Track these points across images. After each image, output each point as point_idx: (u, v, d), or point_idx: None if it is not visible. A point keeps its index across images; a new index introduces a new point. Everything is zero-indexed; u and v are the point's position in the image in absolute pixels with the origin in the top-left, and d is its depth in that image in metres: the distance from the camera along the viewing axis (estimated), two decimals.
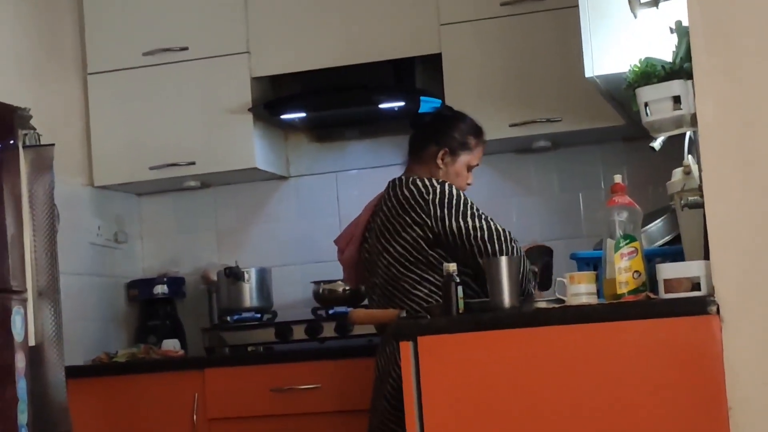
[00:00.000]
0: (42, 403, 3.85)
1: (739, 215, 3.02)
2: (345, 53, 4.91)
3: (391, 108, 4.95)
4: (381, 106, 4.96)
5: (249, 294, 5.06)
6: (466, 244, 3.84)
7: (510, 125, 4.71)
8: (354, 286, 4.65)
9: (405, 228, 3.93)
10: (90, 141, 5.14)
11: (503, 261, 3.37)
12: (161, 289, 5.21)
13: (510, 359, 3.13)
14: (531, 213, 5.04)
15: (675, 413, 3.01)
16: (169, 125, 5.07)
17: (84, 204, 5.12)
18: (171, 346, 4.95)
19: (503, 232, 3.84)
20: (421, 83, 5.02)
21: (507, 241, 3.82)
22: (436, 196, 3.89)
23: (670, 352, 3.02)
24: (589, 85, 4.06)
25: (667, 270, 3.12)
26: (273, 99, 5.07)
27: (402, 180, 4.00)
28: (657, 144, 3.50)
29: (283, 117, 5.08)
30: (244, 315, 5.06)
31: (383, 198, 4.05)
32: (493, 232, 3.83)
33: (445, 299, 3.40)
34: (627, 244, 3.25)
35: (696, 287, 3.06)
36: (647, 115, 3.30)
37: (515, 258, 3.60)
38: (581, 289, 3.24)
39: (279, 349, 4.90)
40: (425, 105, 4.77)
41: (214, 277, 5.15)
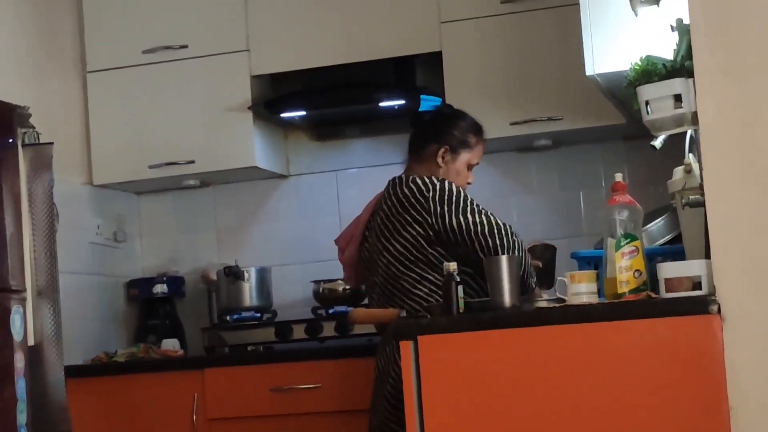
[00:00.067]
0: (41, 403, 3.84)
1: (741, 214, 3.01)
2: (345, 51, 4.90)
3: (392, 106, 4.95)
4: (381, 104, 4.95)
5: (249, 293, 5.05)
6: (467, 239, 3.83)
7: (510, 124, 4.71)
8: (354, 285, 4.64)
9: (405, 226, 3.92)
10: (89, 139, 5.14)
11: (504, 260, 3.37)
12: (161, 289, 5.20)
13: (511, 359, 3.12)
14: (532, 212, 5.03)
15: (676, 413, 3.00)
16: (169, 124, 5.06)
17: (83, 203, 5.11)
18: (170, 345, 4.95)
19: (504, 226, 3.83)
20: (422, 81, 5.01)
21: (508, 235, 3.81)
22: (436, 193, 3.88)
23: (670, 351, 3.01)
24: (590, 84, 4.07)
25: (668, 269, 3.12)
26: (273, 97, 5.06)
27: (402, 179, 4.00)
28: (658, 142, 3.51)
29: (283, 115, 5.07)
30: (243, 314, 5.05)
31: (383, 197, 4.04)
32: (494, 226, 3.82)
33: (446, 299, 3.39)
34: (628, 243, 3.25)
35: (697, 286, 3.06)
36: (648, 114, 3.30)
37: (516, 257, 3.59)
38: (582, 288, 3.24)
39: (279, 349, 4.89)
40: (425, 103, 4.77)
41: (213, 277, 5.14)
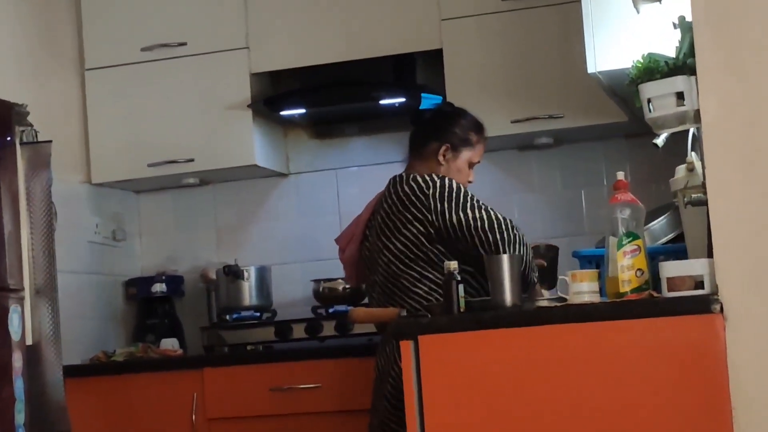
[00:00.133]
0: (39, 403, 3.83)
1: (743, 212, 3.01)
2: (345, 49, 4.89)
3: (392, 104, 4.94)
4: (381, 102, 4.94)
5: (248, 292, 5.04)
6: (467, 235, 3.81)
7: (512, 122, 4.69)
8: (355, 285, 4.63)
9: (405, 224, 3.91)
10: (88, 138, 5.13)
11: (505, 259, 3.36)
12: (160, 288, 5.19)
13: (511, 358, 3.12)
14: (533, 210, 5.02)
15: (677, 413, 3.00)
16: (168, 122, 5.05)
17: (82, 201, 5.10)
18: (169, 345, 4.94)
19: (504, 220, 3.81)
20: (422, 79, 4.99)
21: (509, 229, 3.79)
22: (436, 190, 3.87)
23: (672, 351, 3.01)
24: (592, 81, 4.07)
25: (670, 268, 3.11)
26: (272, 95, 5.05)
27: (402, 177, 3.99)
28: (660, 140, 3.50)
29: (283, 113, 5.06)
30: (243, 314, 5.04)
31: (384, 195, 4.03)
32: (494, 220, 3.80)
33: (446, 298, 3.39)
34: (630, 241, 3.25)
35: (699, 285, 3.05)
36: (650, 112, 3.30)
37: (517, 256, 3.57)
38: (583, 288, 3.25)
39: (279, 348, 4.87)
40: (426, 101, 4.76)
41: (213, 276, 5.13)
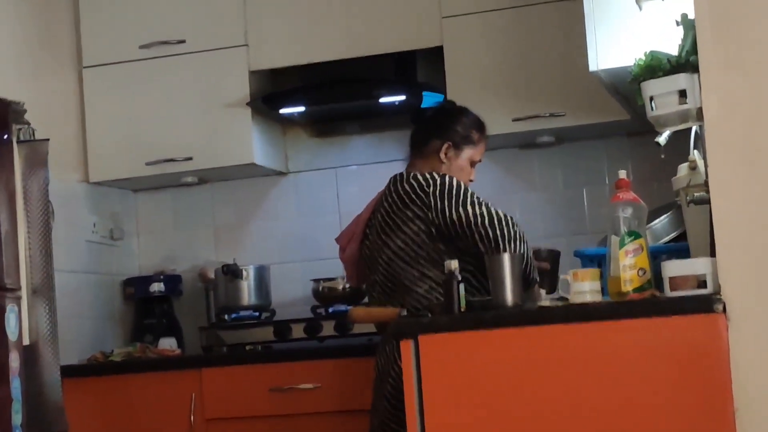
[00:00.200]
0: (37, 403, 3.84)
1: (746, 211, 3.01)
2: (345, 46, 4.88)
3: (393, 102, 4.93)
4: (382, 100, 4.93)
5: (247, 292, 5.03)
6: (467, 232, 3.80)
7: (513, 120, 4.69)
8: (356, 284, 4.61)
9: (406, 222, 3.90)
10: (85, 136, 5.12)
11: (506, 258, 3.34)
12: (158, 287, 5.18)
13: (512, 358, 3.12)
14: (534, 209, 5.01)
15: (680, 413, 3.00)
16: (166, 120, 5.04)
17: (79, 200, 5.09)
18: (167, 345, 4.94)
19: (505, 217, 3.81)
20: (423, 77, 4.99)
21: (509, 225, 3.79)
22: (436, 188, 3.87)
23: (675, 351, 3.01)
24: (594, 79, 4.06)
25: (673, 267, 3.11)
26: (272, 93, 5.04)
27: (403, 175, 3.99)
28: (662, 139, 3.50)
29: (282, 111, 5.05)
30: (242, 313, 5.03)
31: (384, 194, 4.03)
32: (494, 217, 3.79)
33: (447, 297, 3.39)
34: (632, 240, 3.25)
35: (702, 285, 3.05)
36: (652, 110, 3.29)
37: (518, 255, 3.57)
38: (585, 287, 3.24)
39: (278, 348, 4.86)
40: (427, 99, 4.75)
41: (211, 275, 5.12)
